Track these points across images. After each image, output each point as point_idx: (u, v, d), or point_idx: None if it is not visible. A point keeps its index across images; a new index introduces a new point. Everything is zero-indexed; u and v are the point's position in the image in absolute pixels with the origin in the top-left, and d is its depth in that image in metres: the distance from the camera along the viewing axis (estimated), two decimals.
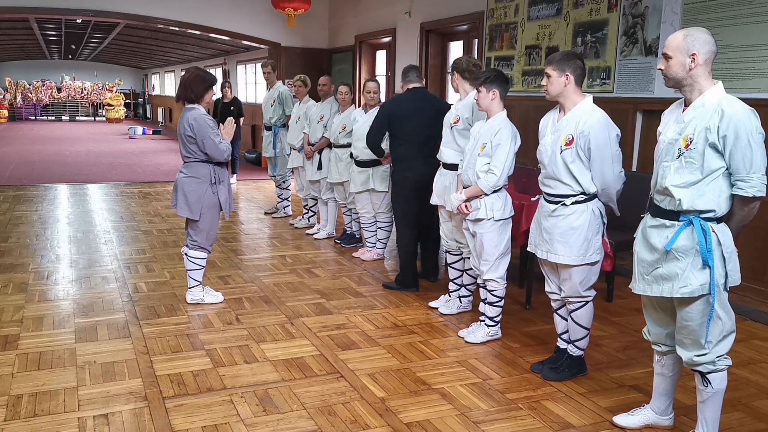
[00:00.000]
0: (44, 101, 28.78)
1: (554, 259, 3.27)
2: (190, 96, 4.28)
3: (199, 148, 4.24)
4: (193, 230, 4.40)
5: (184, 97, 4.30)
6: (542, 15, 6.52)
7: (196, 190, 4.28)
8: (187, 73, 4.37)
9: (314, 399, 3.16)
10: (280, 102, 7.51)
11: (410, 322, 4.29)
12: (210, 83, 4.32)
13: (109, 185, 10.19)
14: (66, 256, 5.76)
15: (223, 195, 4.36)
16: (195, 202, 4.29)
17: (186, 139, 4.25)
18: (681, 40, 2.52)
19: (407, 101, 4.85)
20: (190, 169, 4.31)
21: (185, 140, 4.26)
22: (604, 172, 3.15)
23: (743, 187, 2.45)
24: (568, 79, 3.16)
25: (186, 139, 4.25)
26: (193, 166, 4.31)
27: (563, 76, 3.16)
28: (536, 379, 3.44)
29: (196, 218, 4.32)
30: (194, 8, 10.79)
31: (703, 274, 2.51)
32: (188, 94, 4.28)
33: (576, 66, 3.17)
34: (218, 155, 4.25)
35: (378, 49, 10.50)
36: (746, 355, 3.81)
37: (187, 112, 4.28)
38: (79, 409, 3.00)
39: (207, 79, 4.32)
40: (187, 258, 4.47)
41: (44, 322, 4.13)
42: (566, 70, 3.15)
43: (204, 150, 4.23)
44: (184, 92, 4.29)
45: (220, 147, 4.23)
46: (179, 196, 4.32)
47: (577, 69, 3.17)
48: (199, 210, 4.30)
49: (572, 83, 3.17)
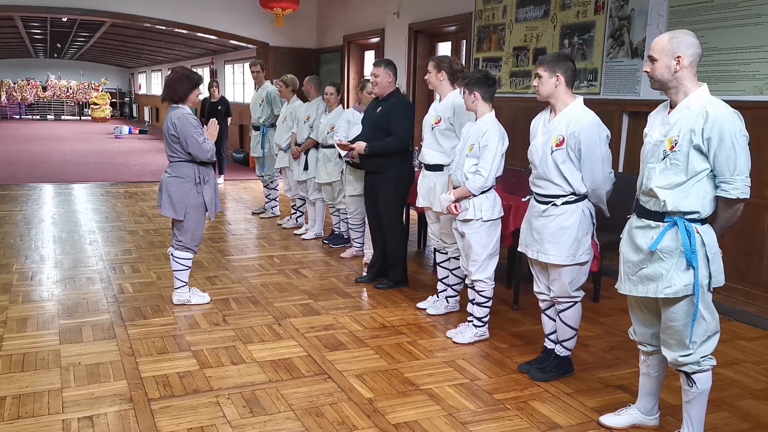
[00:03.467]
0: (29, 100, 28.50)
1: (545, 259, 3.28)
2: (174, 96, 4.26)
3: (183, 148, 4.22)
4: (179, 230, 4.37)
5: (169, 97, 4.28)
6: (530, 17, 6.55)
7: (180, 190, 4.26)
8: (172, 73, 4.35)
9: (302, 400, 3.15)
10: (269, 102, 7.49)
11: (398, 322, 4.29)
12: (195, 83, 4.30)
13: (95, 185, 10.11)
14: (50, 257, 5.70)
15: (208, 195, 4.34)
16: (179, 202, 4.26)
17: (170, 138, 4.23)
18: (666, 42, 2.54)
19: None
20: (174, 169, 4.29)
21: (169, 140, 4.24)
22: (594, 173, 3.17)
23: (727, 189, 2.47)
24: (559, 80, 3.17)
25: (170, 139, 4.24)
26: (177, 166, 4.29)
27: (554, 77, 3.17)
28: (524, 380, 3.45)
29: (180, 218, 4.30)
30: (181, 7, 10.72)
31: (687, 274, 2.53)
32: (172, 94, 4.26)
33: (567, 67, 3.19)
34: (201, 155, 4.23)
35: (366, 49, 10.50)
36: (731, 356, 3.85)
37: (171, 111, 4.26)
38: (64, 411, 2.97)
39: (192, 79, 4.30)
40: (173, 258, 4.44)
41: (28, 323, 4.09)
42: (557, 71, 3.17)
43: (187, 150, 4.21)
44: (168, 92, 4.27)
45: (203, 146, 4.21)
46: (164, 197, 4.30)
47: (568, 70, 3.19)
48: (184, 210, 4.28)
49: (563, 84, 3.18)
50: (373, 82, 4.79)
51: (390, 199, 4.80)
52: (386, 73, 4.73)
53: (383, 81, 4.73)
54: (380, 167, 4.77)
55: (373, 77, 4.79)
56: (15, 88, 27.95)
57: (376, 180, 4.85)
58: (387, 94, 4.78)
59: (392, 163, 4.74)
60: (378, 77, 4.73)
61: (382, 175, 4.78)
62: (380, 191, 4.82)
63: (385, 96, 4.78)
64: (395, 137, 4.66)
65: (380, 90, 4.76)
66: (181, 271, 4.47)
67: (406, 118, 4.76)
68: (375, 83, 4.77)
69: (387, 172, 4.75)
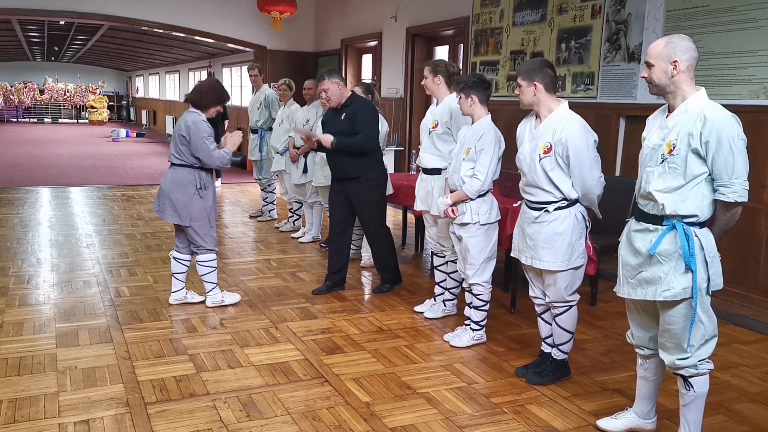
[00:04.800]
0: (26, 103, 28.45)
1: (539, 265, 3.28)
2: (198, 101, 4.32)
3: (190, 152, 4.24)
4: (194, 236, 4.37)
5: (193, 101, 4.34)
6: (527, 21, 6.56)
7: (183, 196, 4.27)
8: (206, 81, 4.44)
9: (298, 404, 3.14)
10: (267, 105, 7.49)
11: (395, 326, 4.28)
12: (221, 101, 4.38)
13: (92, 188, 10.09)
14: (47, 260, 5.69)
15: (208, 201, 4.35)
16: (183, 209, 4.28)
17: (179, 138, 4.26)
18: (662, 47, 2.55)
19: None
20: (175, 174, 4.30)
21: (178, 140, 4.27)
22: (584, 178, 3.17)
23: (725, 192, 2.47)
24: (537, 88, 3.18)
25: (179, 139, 4.27)
26: (178, 171, 4.29)
27: (531, 86, 3.18)
28: (521, 383, 3.45)
29: (186, 224, 4.31)
30: (179, 10, 10.72)
31: (686, 278, 2.53)
32: (197, 100, 4.32)
33: (544, 74, 3.18)
34: (210, 161, 4.27)
35: (364, 53, 10.51)
36: (728, 359, 3.85)
37: (188, 114, 4.31)
38: (60, 415, 2.96)
39: (221, 95, 4.39)
40: (199, 264, 4.47)
41: (24, 326, 4.08)
42: (534, 80, 3.18)
43: (196, 154, 4.23)
44: (194, 96, 4.34)
45: (213, 154, 4.25)
46: (166, 203, 4.31)
47: (545, 77, 3.18)
48: (189, 216, 4.29)
49: (542, 91, 3.19)
50: (326, 97, 4.73)
51: (374, 201, 4.78)
52: (333, 83, 4.69)
53: (334, 91, 4.69)
54: (358, 172, 4.69)
55: (324, 93, 4.74)
56: (12, 91, 27.91)
57: (353, 186, 4.74)
58: (346, 99, 4.76)
59: (371, 168, 4.71)
60: (328, 90, 4.68)
61: (361, 179, 4.70)
62: (361, 196, 4.74)
63: (344, 101, 4.75)
64: (365, 135, 4.61)
65: (336, 100, 4.73)
66: (208, 273, 4.50)
67: (373, 118, 4.73)
68: (328, 98, 4.73)
69: (366, 176, 4.70)
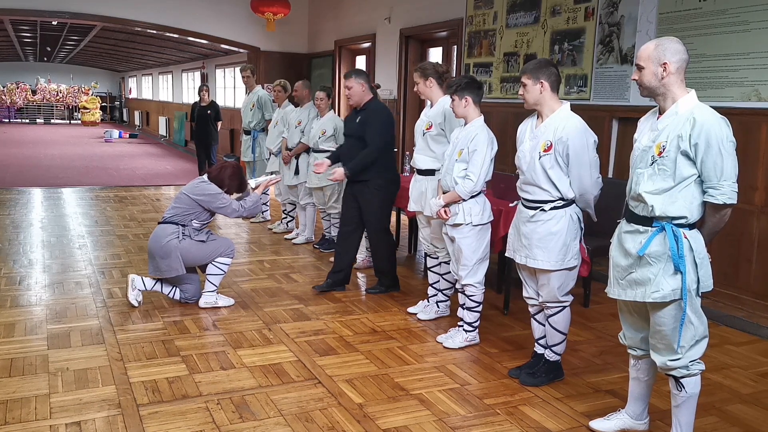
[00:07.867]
0: (18, 104, 28.34)
1: (533, 264, 3.29)
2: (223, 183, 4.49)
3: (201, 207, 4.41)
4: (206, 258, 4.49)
5: (217, 181, 4.48)
6: (520, 23, 6.58)
7: (172, 251, 4.36)
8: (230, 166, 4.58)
9: (291, 405, 3.14)
10: (260, 106, 7.49)
11: (388, 327, 4.28)
12: (241, 188, 4.61)
13: (84, 189, 10.05)
14: (39, 261, 5.66)
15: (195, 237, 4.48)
16: (175, 259, 4.37)
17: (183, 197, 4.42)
18: (652, 50, 2.57)
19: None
20: (158, 233, 4.41)
21: (183, 197, 4.42)
22: (582, 178, 3.19)
23: (714, 194, 2.49)
24: (544, 87, 3.20)
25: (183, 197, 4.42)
26: (161, 229, 4.41)
27: (538, 84, 3.20)
28: (514, 384, 3.46)
29: (183, 272, 4.40)
30: (172, 11, 10.70)
31: (675, 279, 2.54)
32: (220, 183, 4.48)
33: (550, 73, 3.21)
34: (231, 214, 4.48)
35: (357, 54, 10.52)
36: (719, 360, 3.87)
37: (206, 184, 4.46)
38: (51, 417, 2.95)
39: (242, 184, 4.60)
40: (213, 263, 4.50)
41: (16, 328, 4.06)
42: (541, 78, 3.20)
43: (221, 212, 4.46)
44: (218, 177, 4.49)
45: (232, 206, 4.46)
46: (159, 264, 4.39)
47: (551, 76, 3.21)
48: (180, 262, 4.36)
49: (548, 90, 3.21)
50: (348, 94, 4.81)
51: (376, 204, 4.79)
52: (358, 83, 4.75)
53: (356, 91, 4.75)
54: (367, 176, 4.72)
55: (346, 90, 4.80)
56: (4, 91, 27.79)
57: (361, 188, 4.78)
58: (364, 103, 4.79)
59: (377, 172, 4.71)
60: (351, 89, 4.75)
61: (368, 183, 4.73)
62: (365, 198, 4.77)
63: (362, 105, 4.80)
64: (369, 148, 4.64)
65: (356, 100, 4.78)
66: (217, 275, 4.55)
67: (382, 126, 4.73)
68: (349, 96, 4.79)
69: (373, 181, 4.72)
